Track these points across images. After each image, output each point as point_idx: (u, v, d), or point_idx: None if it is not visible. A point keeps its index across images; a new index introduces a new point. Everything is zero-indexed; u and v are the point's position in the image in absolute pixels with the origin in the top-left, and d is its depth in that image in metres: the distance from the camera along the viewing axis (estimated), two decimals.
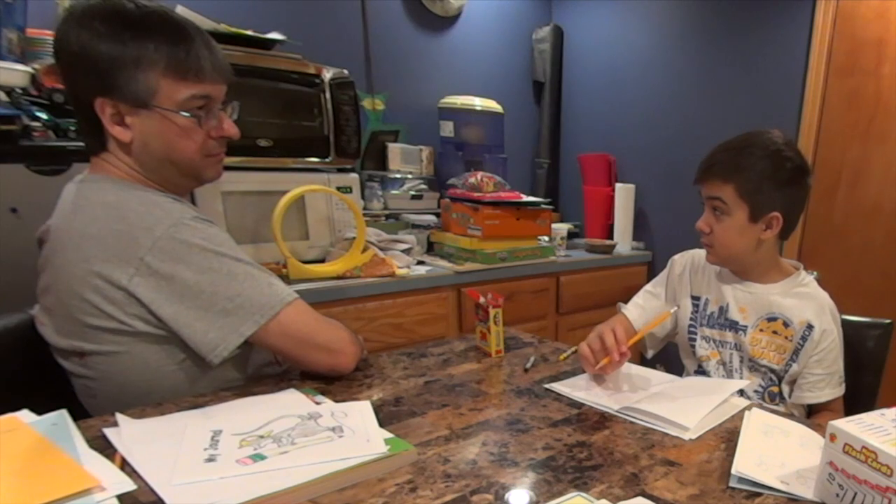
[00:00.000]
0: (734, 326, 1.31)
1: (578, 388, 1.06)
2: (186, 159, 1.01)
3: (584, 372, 1.15)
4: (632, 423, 0.94)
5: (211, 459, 0.72)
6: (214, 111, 1.02)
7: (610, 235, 2.90)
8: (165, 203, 0.97)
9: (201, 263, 0.94)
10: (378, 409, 0.91)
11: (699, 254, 1.41)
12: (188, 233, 0.94)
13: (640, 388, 1.10)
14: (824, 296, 1.30)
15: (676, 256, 1.45)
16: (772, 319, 1.28)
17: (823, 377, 1.26)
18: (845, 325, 1.32)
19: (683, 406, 0.97)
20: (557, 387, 1.07)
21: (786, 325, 1.27)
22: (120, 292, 0.92)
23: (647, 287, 1.45)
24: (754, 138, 1.23)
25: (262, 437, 0.78)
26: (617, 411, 0.97)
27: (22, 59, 1.52)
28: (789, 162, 1.21)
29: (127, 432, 0.79)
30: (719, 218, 1.23)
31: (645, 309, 1.39)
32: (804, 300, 1.28)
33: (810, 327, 1.25)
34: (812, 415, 1.31)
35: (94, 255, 0.92)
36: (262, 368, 1.10)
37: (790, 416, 1.06)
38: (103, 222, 0.93)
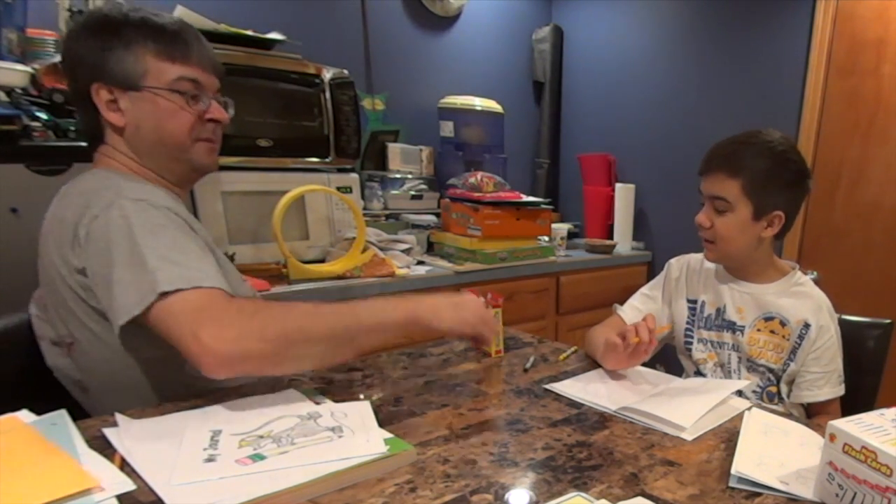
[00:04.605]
0: (732, 327, 1.31)
1: (578, 388, 1.06)
2: (176, 141, 1.02)
3: (583, 372, 1.15)
4: (631, 423, 0.94)
5: (210, 459, 0.72)
6: (205, 98, 1.04)
7: (610, 235, 2.90)
8: (135, 188, 0.95)
9: (119, 241, 0.88)
10: (378, 409, 0.91)
11: (696, 258, 1.41)
12: (126, 209, 0.90)
13: (640, 388, 1.10)
14: (820, 294, 1.30)
15: (673, 260, 1.45)
16: (769, 319, 1.28)
17: (822, 375, 1.26)
18: (845, 325, 1.32)
19: (680, 406, 0.97)
20: (557, 387, 1.07)
21: (783, 324, 1.27)
22: (80, 275, 0.92)
23: (644, 290, 1.45)
24: (759, 137, 1.23)
25: (261, 437, 0.78)
26: (615, 412, 0.97)
27: (22, 59, 1.52)
28: (794, 164, 1.23)
29: (127, 432, 0.79)
30: (721, 214, 1.23)
31: (641, 311, 1.39)
32: (801, 299, 1.28)
33: (807, 326, 1.26)
34: (810, 417, 1.30)
35: (63, 240, 0.93)
36: None
37: (789, 415, 1.06)
38: (75, 209, 0.94)
